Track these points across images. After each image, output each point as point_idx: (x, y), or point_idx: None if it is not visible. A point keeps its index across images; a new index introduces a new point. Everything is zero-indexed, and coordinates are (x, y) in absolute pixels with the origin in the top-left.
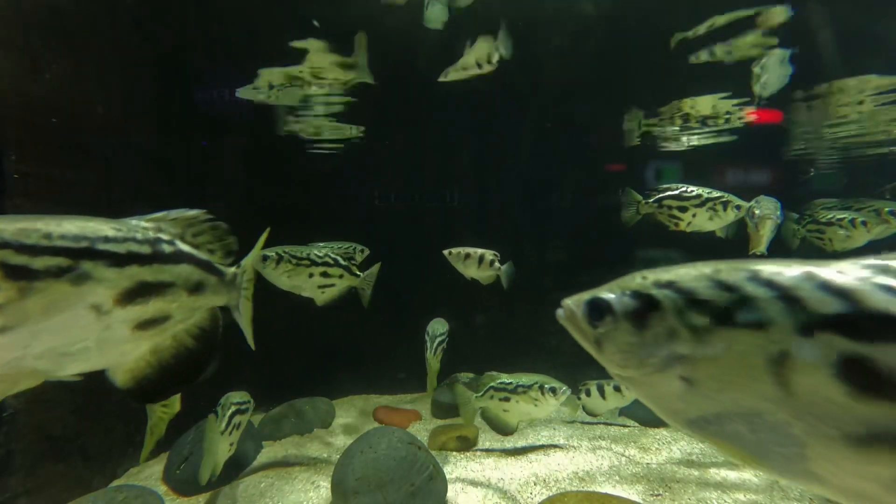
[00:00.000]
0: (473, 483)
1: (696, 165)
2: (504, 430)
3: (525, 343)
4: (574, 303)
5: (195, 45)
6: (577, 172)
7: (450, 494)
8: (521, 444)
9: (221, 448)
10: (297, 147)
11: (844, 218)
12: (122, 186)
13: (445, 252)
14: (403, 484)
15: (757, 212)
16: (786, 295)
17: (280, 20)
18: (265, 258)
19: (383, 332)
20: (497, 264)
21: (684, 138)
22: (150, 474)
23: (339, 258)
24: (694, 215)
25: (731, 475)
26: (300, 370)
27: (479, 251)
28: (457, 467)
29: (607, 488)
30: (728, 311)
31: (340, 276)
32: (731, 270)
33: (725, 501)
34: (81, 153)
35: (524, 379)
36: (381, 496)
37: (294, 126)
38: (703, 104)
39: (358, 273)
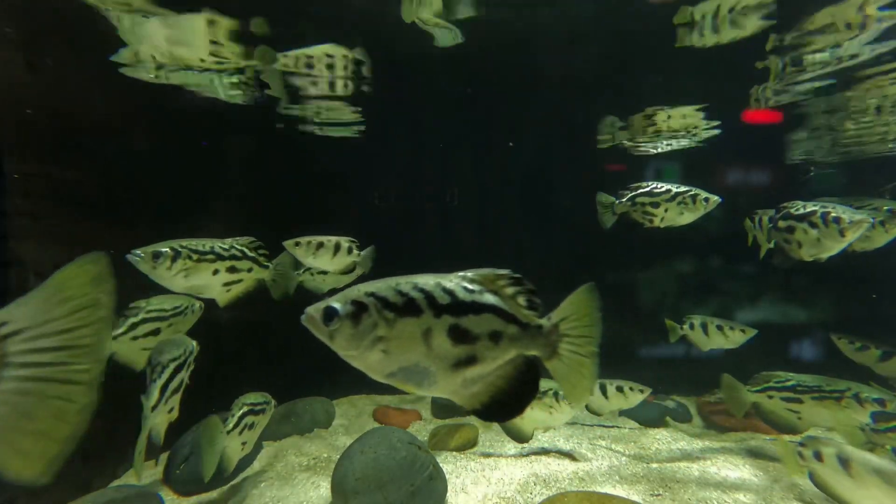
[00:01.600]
0: (473, 483)
1: (695, 166)
2: (519, 436)
3: None
4: (314, 310)
5: None
6: (577, 172)
7: (450, 494)
8: (521, 444)
9: (233, 447)
10: (298, 144)
11: None
12: (122, 186)
13: (290, 243)
14: (403, 484)
15: (845, 216)
16: (429, 296)
17: None
18: (158, 256)
19: None
20: (355, 251)
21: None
22: (150, 474)
23: (245, 249)
24: (666, 210)
25: (732, 475)
26: (300, 370)
27: (334, 239)
28: (457, 467)
29: (607, 488)
30: (403, 307)
31: (249, 270)
32: (404, 283)
33: (725, 501)
34: (81, 153)
35: None
36: (382, 496)
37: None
38: (675, 119)
39: (267, 264)
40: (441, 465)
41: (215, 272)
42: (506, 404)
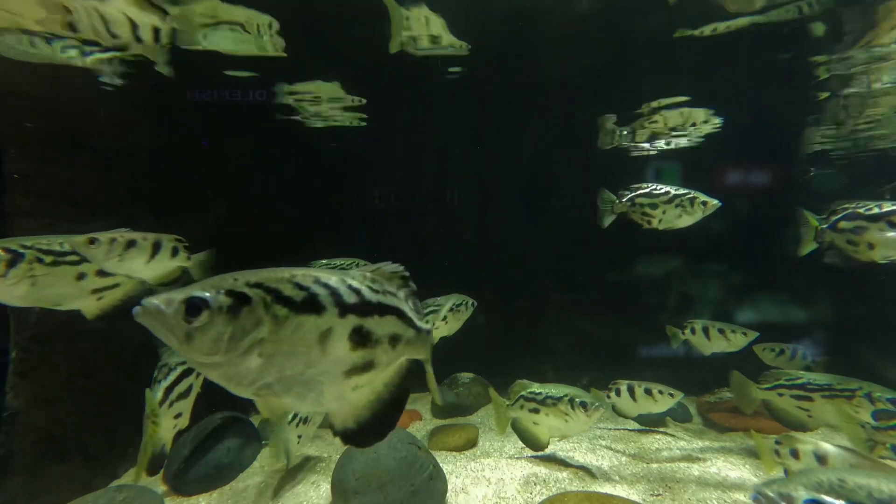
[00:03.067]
0: (473, 483)
1: (694, 165)
2: (534, 444)
3: (525, 343)
4: (163, 301)
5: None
6: (577, 172)
7: (450, 494)
8: (520, 444)
9: (291, 439)
10: (298, 142)
11: None
12: (121, 186)
13: (80, 240)
14: (404, 484)
15: None
16: (334, 292)
17: None
18: None
19: None
20: (183, 254)
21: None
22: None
23: None
24: (664, 212)
25: (732, 475)
26: None
27: (151, 236)
28: (457, 467)
29: (607, 488)
30: (303, 303)
31: None
32: (301, 275)
33: (725, 501)
34: (81, 153)
35: (554, 390)
36: (382, 496)
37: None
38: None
39: None
40: (441, 465)
41: (80, 276)
42: (384, 417)
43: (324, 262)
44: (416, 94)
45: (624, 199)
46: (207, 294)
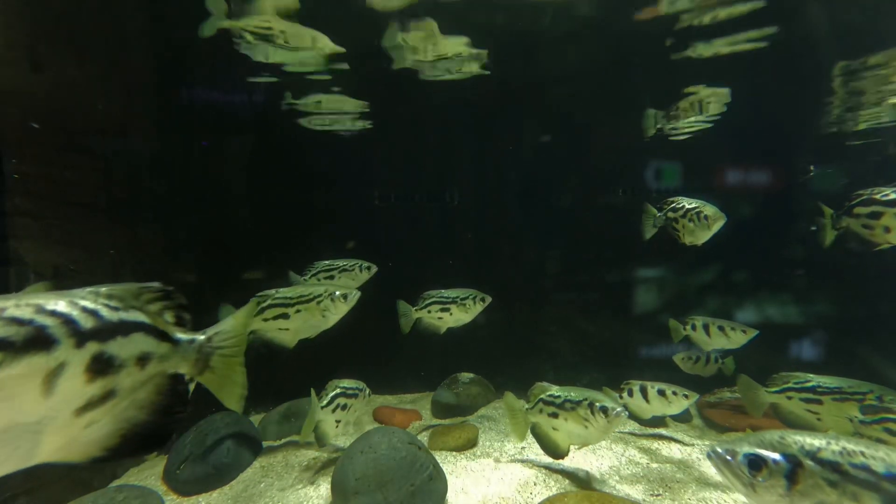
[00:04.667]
0: (473, 483)
1: (696, 162)
2: (553, 451)
3: (525, 343)
4: None
5: (193, 43)
6: (576, 173)
7: (450, 494)
8: (520, 444)
9: (328, 422)
10: (299, 142)
11: None
12: (121, 186)
13: None
14: (403, 484)
15: None
16: (67, 320)
17: None
18: None
19: (383, 332)
20: None
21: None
22: (150, 474)
23: None
24: (683, 226)
25: None
26: (300, 370)
27: None
28: (457, 467)
29: (607, 488)
30: (25, 342)
31: None
32: (15, 306)
33: (725, 501)
34: (81, 153)
35: (573, 393)
36: (382, 496)
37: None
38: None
39: None
40: (441, 465)
41: None
42: (148, 437)
43: (325, 262)
44: (419, 96)
45: (660, 214)
46: None
